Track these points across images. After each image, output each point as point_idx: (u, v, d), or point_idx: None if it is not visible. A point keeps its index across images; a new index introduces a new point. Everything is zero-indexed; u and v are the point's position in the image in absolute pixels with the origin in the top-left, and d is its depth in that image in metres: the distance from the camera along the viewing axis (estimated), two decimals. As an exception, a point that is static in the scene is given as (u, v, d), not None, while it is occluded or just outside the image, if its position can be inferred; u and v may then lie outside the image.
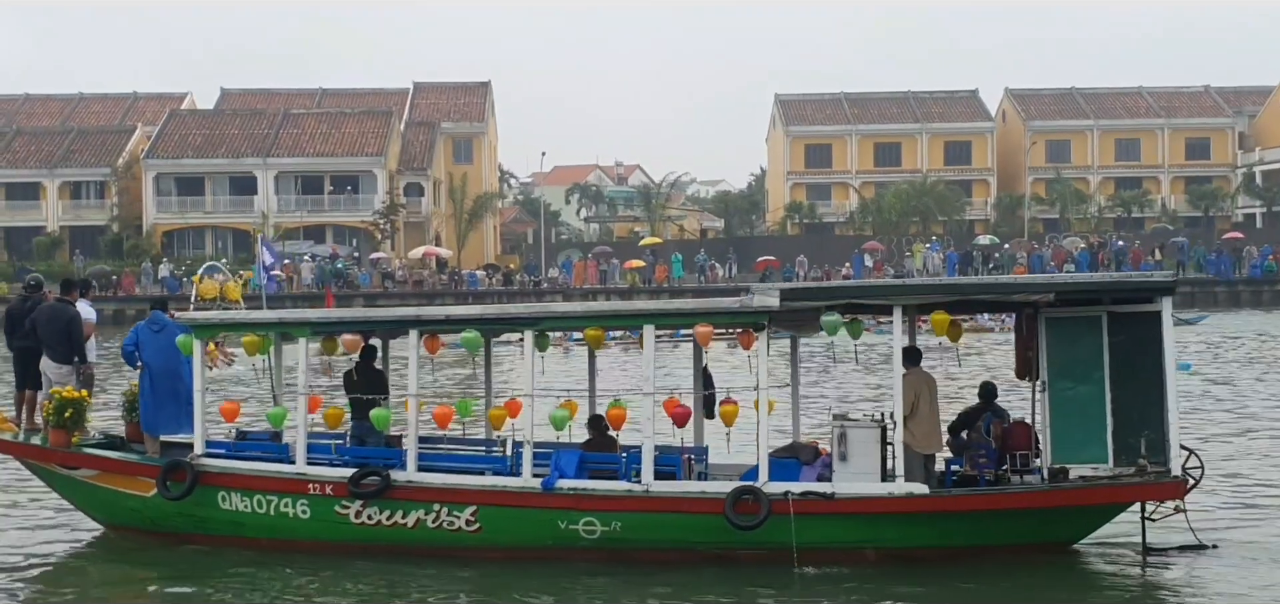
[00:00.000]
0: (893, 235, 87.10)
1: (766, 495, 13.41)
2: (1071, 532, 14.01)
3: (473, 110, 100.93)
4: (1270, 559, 13.91)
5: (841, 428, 13.86)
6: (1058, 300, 13.72)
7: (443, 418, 14.84)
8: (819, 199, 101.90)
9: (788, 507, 13.34)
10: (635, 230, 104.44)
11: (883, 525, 13.53)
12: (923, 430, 13.83)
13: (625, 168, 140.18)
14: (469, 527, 14.06)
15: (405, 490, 14.17)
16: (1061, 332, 13.69)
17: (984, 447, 14.39)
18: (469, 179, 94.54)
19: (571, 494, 13.86)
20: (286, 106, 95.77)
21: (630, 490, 13.79)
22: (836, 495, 13.52)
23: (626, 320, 15.75)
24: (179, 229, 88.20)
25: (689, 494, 13.80)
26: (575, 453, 14.48)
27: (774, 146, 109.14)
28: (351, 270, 75.61)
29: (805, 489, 13.54)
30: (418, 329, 14.59)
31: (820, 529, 13.47)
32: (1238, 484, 18.40)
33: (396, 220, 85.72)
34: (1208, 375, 33.73)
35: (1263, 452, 21.43)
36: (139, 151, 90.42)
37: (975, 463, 14.36)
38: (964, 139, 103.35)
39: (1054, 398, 13.62)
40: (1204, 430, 23.67)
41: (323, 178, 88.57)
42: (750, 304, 13.97)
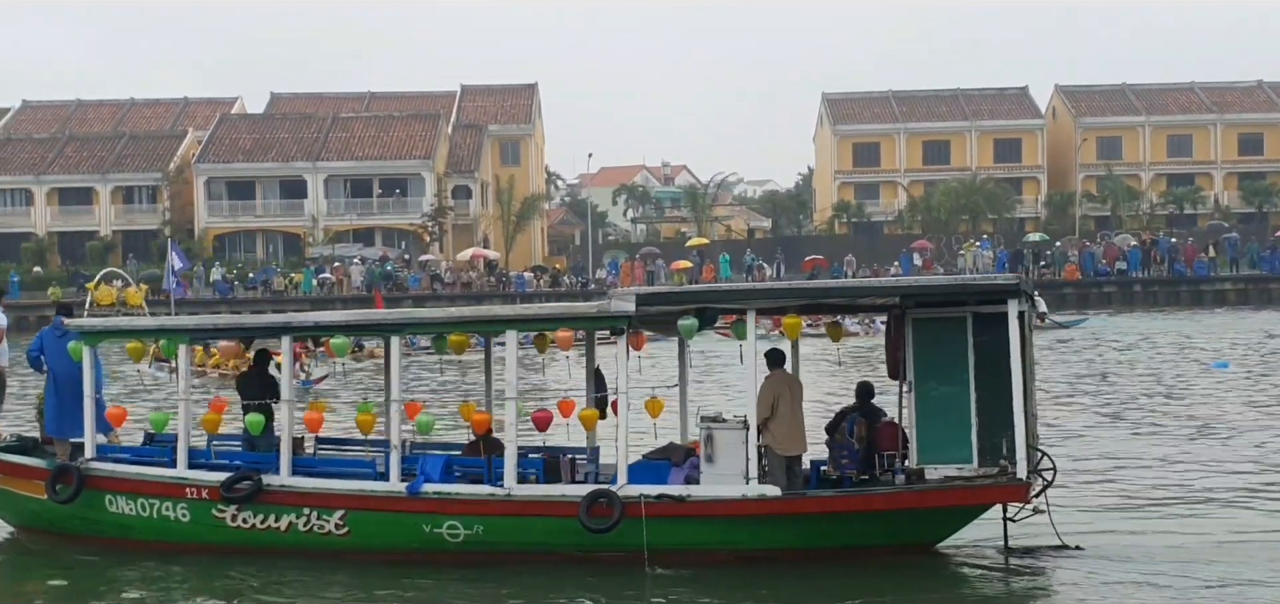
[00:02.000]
0: (942, 234, 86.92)
1: (620, 498, 13.53)
2: (932, 533, 14.06)
3: (520, 112, 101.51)
4: (1130, 559, 13.97)
5: (708, 429, 13.90)
6: (919, 302, 13.81)
7: (364, 424, 15.16)
8: (867, 198, 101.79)
9: (640, 509, 13.46)
10: (682, 231, 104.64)
11: (737, 528, 13.60)
12: (783, 432, 13.98)
13: (672, 168, 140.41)
14: (338, 530, 14.35)
15: (277, 495, 14.49)
16: (927, 333, 13.74)
17: (847, 448, 14.50)
18: (516, 181, 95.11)
19: (435, 498, 14.07)
20: (335, 110, 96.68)
21: (493, 494, 13.98)
22: (689, 498, 13.59)
23: (486, 326, 15.73)
24: (230, 233, 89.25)
25: (545, 498, 13.93)
26: (441, 457, 14.79)
27: (821, 145, 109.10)
28: (400, 273, 76.28)
29: (660, 492, 13.61)
30: (289, 335, 14.99)
31: (674, 532, 13.57)
32: (1114, 484, 18.50)
33: (445, 223, 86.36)
34: (1115, 375, 33.94)
35: (1141, 452, 21.51)
36: (190, 156, 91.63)
37: (838, 464, 14.50)
38: (1014, 136, 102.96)
39: (919, 399, 13.66)
40: (1094, 430, 23.91)
41: (371, 181, 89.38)
42: (608, 308, 14.09)
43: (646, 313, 14.17)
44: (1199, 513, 16.57)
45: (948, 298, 13.80)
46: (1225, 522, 15.96)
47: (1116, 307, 68.91)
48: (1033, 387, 13.98)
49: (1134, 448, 22.07)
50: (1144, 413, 26.83)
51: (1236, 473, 19.43)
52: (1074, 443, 22.30)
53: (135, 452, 15.90)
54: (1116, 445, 22.31)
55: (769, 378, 14.31)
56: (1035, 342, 15.36)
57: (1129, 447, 22.19)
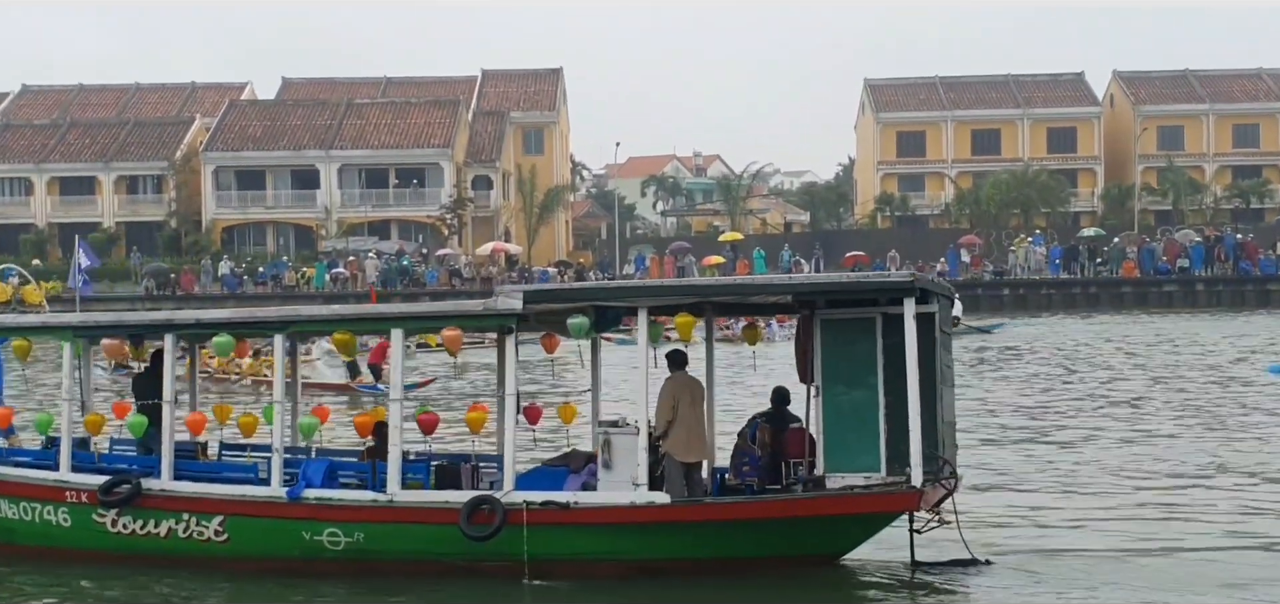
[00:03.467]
0: (991, 229, 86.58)
1: (503, 505, 13.56)
2: (834, 545, 14.07)
3: (543, 99, 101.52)
4: (1038, 574, 14.04)
5: (605, 434, 13.98)
6: (828, 301, 13.84)
7: (246, 426, 15.56)
8: (912, 190, 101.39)
9: (522, 517, 13.51)
10: (715, 224, 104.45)
11: (624, 537, 13.64)
12: (683, 438, 14.00)
13: (704, 158, 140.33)
14: (217, 537, 14.46)
15: (156, 500, 14.61)
16: (836, 334, 13.78)
17: (748, 455, 14.52)
18: (539, 171, 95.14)
19: (315, 504, 14.14)
20: (350, 96, 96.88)
21: (375, 500, 14.05)
22: (574, 505, 13.67)
23: (373, 325, 15.94)
24: (239, 225, 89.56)
25: (426, 504, 14.00)
26: (324, 462, 14.88)
27: (863, 134, 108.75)
28: (417, 268, 76.35)
29: (546, 499, 13.67)
30: (172, 333, 15.15)
31: (559, 541, 13.62)
32: (1033, 496, 18.67)
33: (464, 215, 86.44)
34: (1045, 383, 34.30)
35: (1060, 463, 21.74)
36: (197, 144, 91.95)
37: (739, 471, 14.52)
38: (1068, 125, 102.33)
39: (827, 403, 13.72)
40: (1027, 440, 24.35)
41: (387, 171, 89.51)
42: (495, 307, 14.22)
43: (535, 311, 14.31)
44: (1119, 525, 16.74)
45: (853, 297, 13.80)
46: (1142, 534, 16.16)
47: (1178, 307, 68.38)
48: (946, 391, 13.96)
49: (1062, 458, 22.28)
50: (1082, 421, 27.14)
51: (1159, 485, 19.66)
52: (1003, 453, 22.64)
53: (36, 454, 15.90)
54: (1045, 456, 22.57)
55: (669, 381, 14.36)
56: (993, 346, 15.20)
57: (1057, 456, 22.44)
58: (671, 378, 14.36)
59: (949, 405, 14.20)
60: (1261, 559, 14.73)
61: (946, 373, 14.10)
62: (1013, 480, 20.08)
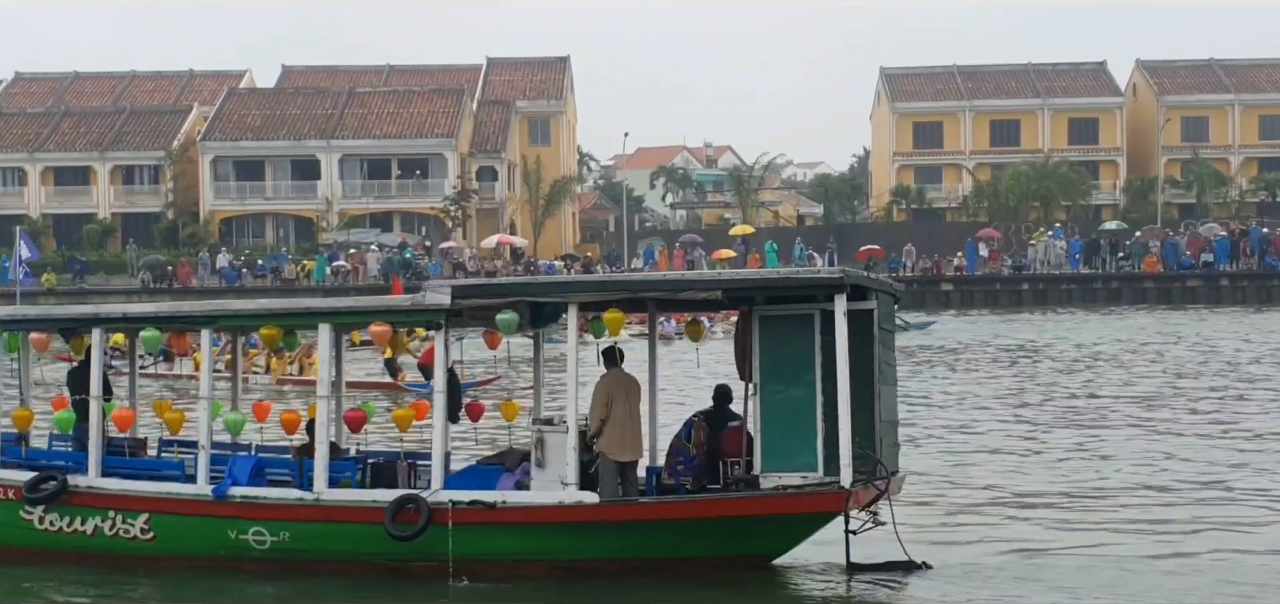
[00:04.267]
0: (1011, 222, 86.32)
1: (429, 504, 13.69)
2: (766, 546, 14.17)
3: (550, 88, 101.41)
4: (975, 578, 14.15)
5: (539, 433, 14.13)
6: (768, 297, 13.88)
7: (174, 423, 15.72)
8: (929, 182, 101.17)
9: (448, 516, 13.66)
10: (726, 217, 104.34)
11: (551, 537, 13.76)
12: (616, 436, 14.07)
13: (715, 149, 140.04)
14: (144, 535, 14.63)
15: (83, 497, 14.78)
16: (774, 330, 13.83)
17: (682, 454, 14.61)
18: (546, 162, 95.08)
19: (241, 503, 14.29)
20: (351, 85, 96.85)
21: (301, 499, 14.21)
22: (501, 504, 13.80)
23: (302, 319, 16.09)
24: (238, 216, 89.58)
25: (351, 503, 14.13)
26: (251, 459, 15.07)
27: (879, 125, 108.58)
28: (420, 261, 76.34)
29: (473, 498, 13.79)
30: (99, 327, 15.33)
31: (485, 541, 13.75)
32: (977, 498, 18.85)
33: (468, 207, 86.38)
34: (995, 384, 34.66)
35: (1001, 463, 22.01)
36: (195, 133, 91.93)
37: (673, 471, 14.66)
38: (1090, 116, 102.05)
39: (765, 401, 13.77)
40: (975, 438, 24.72)
41: (390, 161, 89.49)
42: (423, 302, 14.38)
43: (463, 307, 14.48)
44: (1060, 527, 16.91)
45: (790, 294, 13.82)
46: (1085, 536, 16.29)
47: (1202, 303, 68.18)
48: (885, 390, 14.02)
49: (1009, 459, 22.47)
50: (1032, 421, 27.41)
51: (1107, 488, 19.80)
52: (949, 452, 22.90)
53: None
54: (991, 455, 22.82)
55: (603, 378, 14.42)
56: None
57: (1004, 458, 22.62)
58: (606, 375, 14.45)
59: (889, 404, 14.27)
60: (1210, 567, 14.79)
61: (887, 371, 14.16)
62: (961, 481, 20.20)
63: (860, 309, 13.64)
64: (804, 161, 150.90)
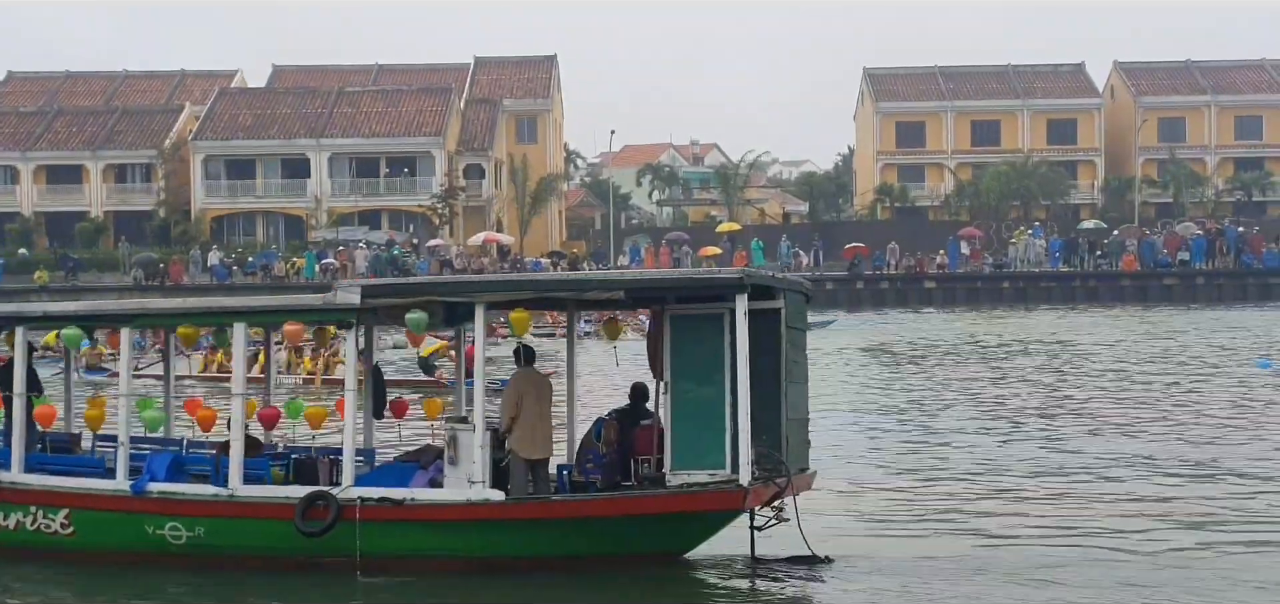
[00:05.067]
0: (991, 220, 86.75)
1: (338, 501, 13.86)
2: (672, 543, 14.29)
3: (537, 86, 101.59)
4: (878, 571, 14.31)
5: (452, 430, 14.21)
6: (680, 297, 14.00)
7: (93, 421, 15.66)
8: (911, 181, 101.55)
9: (356, 513, 13.79)
10: (712, 214, 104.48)
11: (459, 534, 13.90)
12: (526, 434, 14.21)
13: (701, 147, 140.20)
14: (64, 530, 14.77)
15: (5, 492, 14.95)
16: (684, 330, 13.93)
17: (592, 452, 14.72)
18: (533, 160, 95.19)
19: (158, 498, 14.44)
20: (341, 84, 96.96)
21: (216, 494, 14.34)
22: (409, 501, 13.93)
23: (212, 318, 16.16)
24: (229, 214, 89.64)
25: (263, 499, 14.27)
26: (168, 454, 15.21)
27: (863, 124, 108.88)
28: (408, 258, 76.40)
29: (382, 495, 13.94)
30: (22, 325, 15.36)
31: (392, 537, 13.88)
32: (888, 491, 19.10)
33: (455, 205, 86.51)
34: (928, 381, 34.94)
35: (929, 458, 22.23)
36: (187, 132, 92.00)
37: (583, 469, 14.75)
38: (1069, 116, 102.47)
39: (675, 400, 13.87)
40: (886, 435, 25.10)
41: (378, 159, 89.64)
42: (334, 301, 14.50)
43: (373, 306, 14.61)
44: (974, 522, 17.04)
45: (700, 293, 14.02)
46: (989, 531, 16.45)
47: (1178, 301, 68.63)
48: (793, 388, 14.17)
49: (921, 455, 22.73)
50: (951, 416, 27.76)
51: (1020, 477, 20.15)
52: (859, 448, 23.29)
53: None
54: (906, 452, 23.08)
55: (514, 377, 14.64)
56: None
57: (916, 454, 22.87)
58: (517, 373, 14.62)
59: (798, 403, 14.42)
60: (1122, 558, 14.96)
61: (795, 370, 14.29)
62: (873, 477, 20.48)
63: (767, 308, 13.81)
64: (789, 160, 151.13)
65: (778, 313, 13.90)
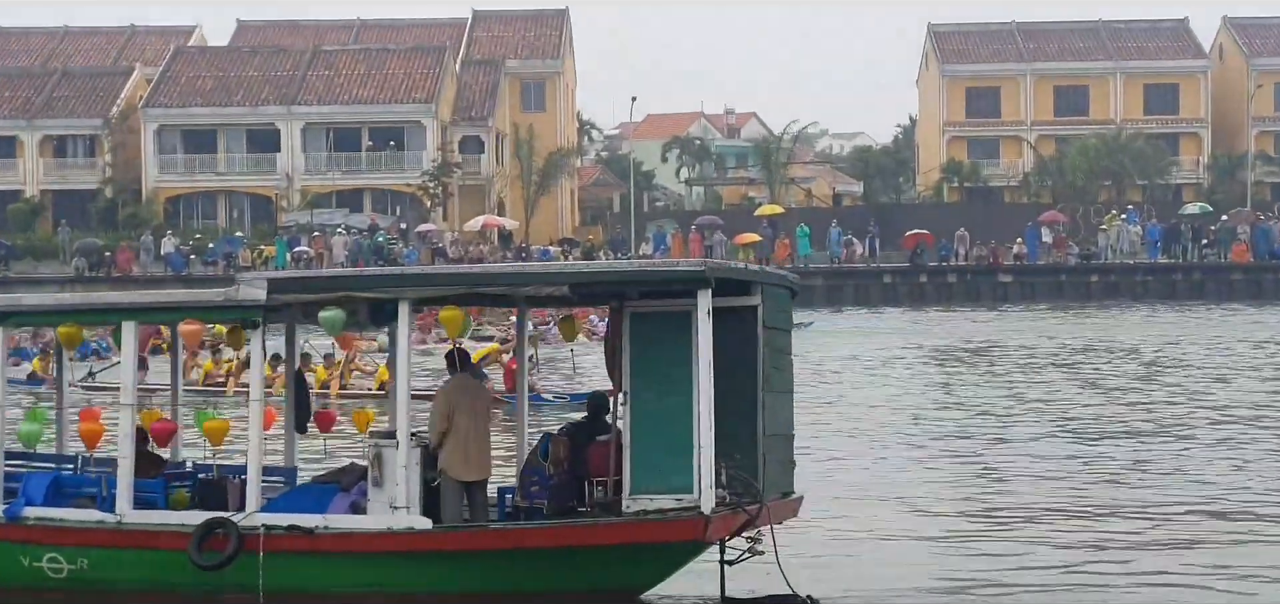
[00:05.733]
0: (1078, 204, 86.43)
1: (238, 529, 13.77)
2: (629, 578, 14.18)
3: (545, 45, 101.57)
4: None
5: (376, 447, 14.15)
6: (643, 292, 13.94)
7: None
8: (984, 157, 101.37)
9: (259, 543, 13.74)
10: (750, 196, 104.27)
11: (379, 568, 13.85)
12: (458, 452, 14.18)
13: (738, 117, 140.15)
14: None
15: None
16: (645, 330, 13.86)
17: (537, 473, 14.72)
18: (540, 131, 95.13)
19: (35, 526, 14.35)
20: (316, 42, 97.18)
21: (102, 522, 14.24)
22: (321, 530, 13.87)
23: (100, 315, 16.11)
24: (186, 194, 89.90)
25: (155, 527, 14.18)
26: (48, 475, 15.08)
27: (927, 90, 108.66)
28: (394, 245, 76.51)
29: (291, 522, 13.89)
30: None
31: (301, 571, 13.83)
32: (886, 524, 19.00)
33: (449, 183, 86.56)
34: None
35: (923, 483, 22.31)
36: (137, 98, 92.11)
37: (527, 493, 14.76)
38: (1169, 81, 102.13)
39: (635, 412, 13.77)
40: (888, 453, 25.19)
41: (360, 131, 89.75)
42: (236, 297, 14.43)
43: (283, 302, 14.59)
44: (995, 562, 17.01)
45: (655, 288, 13.90)
46: (1014, 579, 16.38)
47: None
48: (772, 399, 14.07)
49: (927, 477, 22.88)
50: (1016, 432, 27.84)
51: (1078, 512, 20.03)
52: (865, 471, 23.31)
53: None
54: (910, 474, 23.13)
55: (444, 386, 14.61)
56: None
57: (921, 475, 23.02)
58: (447, 382, 14.61)
59: (780, 416, 14.33)
60: None
61: (775, 377, 14.17)
62: (869, 502, 20.44)
63: (742, 306, 13.74)
64: (841, 132, 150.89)
65: (754, 311, 13.79)
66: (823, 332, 51.98)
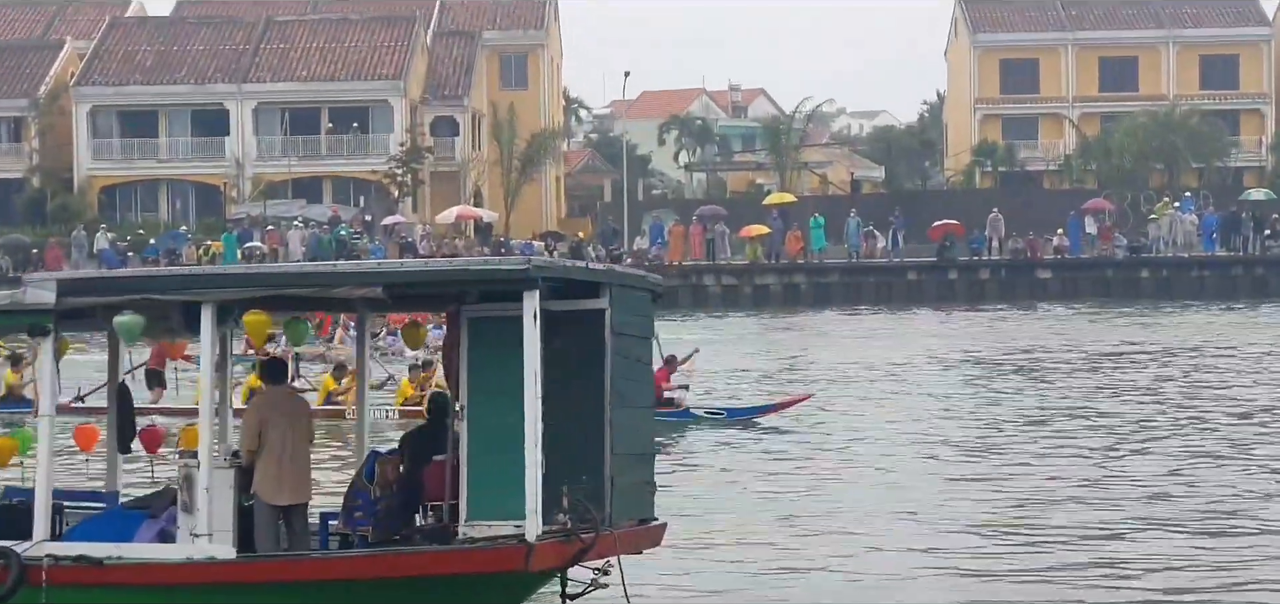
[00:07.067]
0: (1126, 190, 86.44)
1: (20, 559, 13.79)
2: None
3: (528, 15, 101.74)
4: None
5: (186, 469, 14.24)
6: (482, 294, 13.99)
7: None
8: (1021, 137, 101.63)
9: (42, 575, 13.74)
10: (758, 182, 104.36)
11: (174, 602, 13.92)
12: (272, 472, 14.23)
13: (744, 93, 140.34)
14: None
15: None
16: (484, 338, 14.00)
17: (361, 496, 14.83)
18: (522, 111, 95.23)
19: None
20: (269, 12, 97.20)
21: None
22: (111, 561, 13.85)
23: None
24: (123, 183, 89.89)
25: None
26: None
27: (956, 63, 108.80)
28: (358, 239, 76.43)
29: (79, 553, 13.90)
30: None
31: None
32: (755, 547, 19.40)
33: (420, 170, 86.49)
34: None
35: (799, 501, 22.85)
36: (67, 76, 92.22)
37: (349, 518, 14.88)
38: (1228, 51, 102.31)
39: (473, 428, 13.90)
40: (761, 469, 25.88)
41: (319, 111, 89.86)
42: (22, 300, 14.34)
43: (73, 306, 14.41)
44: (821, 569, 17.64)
45: (491, 289, 13.95)
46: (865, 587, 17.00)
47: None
48: (623, 413, 14.06)
49: (801, 495, 23.39)
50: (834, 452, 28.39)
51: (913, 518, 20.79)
52: (744, 495, 23.77)
53: None
54: (781, 495, 23.52)
55: (255, 399, 14.82)
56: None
57: (795, 494, 23.52)
58: (259, 395, 14.77)
59: (634, 434, 14.30)
60: None
61: (629, 390, 14.18)
62: (740, 526, 20.70)
63: (587, 310, 13.80)
64: (859, 110, 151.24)
65: (601, 315, 13.76)
66: None
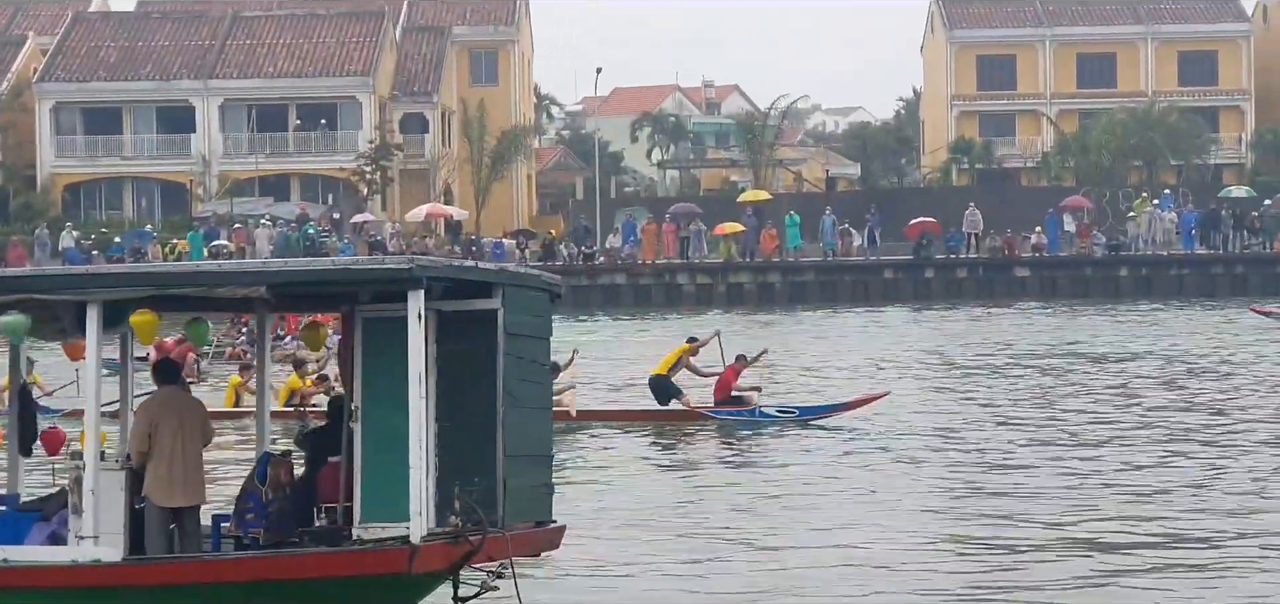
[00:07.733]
0: (1104, 187, 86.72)
1: None
2: None
3: (498, 10, 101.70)
4: None
5: (76, 470, 14.13)
6: (377, 294, 14.01)
7: None
8: (998, 134, 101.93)
9: None
10: (732, 180, 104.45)
11: None
12: (162, 474, 14.16)
13: (717, 89, 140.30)
14: None
15: None
16: (377, 338, 13.96)
17: (253, 498, 14.71)
18: (492, 108, 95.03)
19: None
20: (236, 7, 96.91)
21: None
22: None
23: None
24: (87, 181, 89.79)
25: None
26: None
27: (933, 60, 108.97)
28: (327, 239, 76.41)
29: None
30: None
31: None
32: (657, 547, 19.34)
33: (389, 168, 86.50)
34: None
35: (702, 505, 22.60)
36: (30, 72, 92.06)
37: (241, 521, 14.73)
38: (1207, 47, 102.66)
39: (367, 429, 13.93)
40: None
41: (286, 108, 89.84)
42: None
43: None
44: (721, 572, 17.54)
45: (382, 289, 13.93)
46: None
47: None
48: (516, 413, 14.16)
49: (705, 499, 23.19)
50: None
51: None
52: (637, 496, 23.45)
53: None
54: (686, 500, 23.32)
55: (146, 402, 14.67)
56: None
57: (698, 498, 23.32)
58: (151, 398, 14.67)
59: (529, 434, 14.37)
60: None
61: (523, 391, 14.25)
62: (640, 528, 20.66)
63: (479, 310, 13.86)
64: (835, 107, 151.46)
65: (493, 315, 13.84)
66: None
